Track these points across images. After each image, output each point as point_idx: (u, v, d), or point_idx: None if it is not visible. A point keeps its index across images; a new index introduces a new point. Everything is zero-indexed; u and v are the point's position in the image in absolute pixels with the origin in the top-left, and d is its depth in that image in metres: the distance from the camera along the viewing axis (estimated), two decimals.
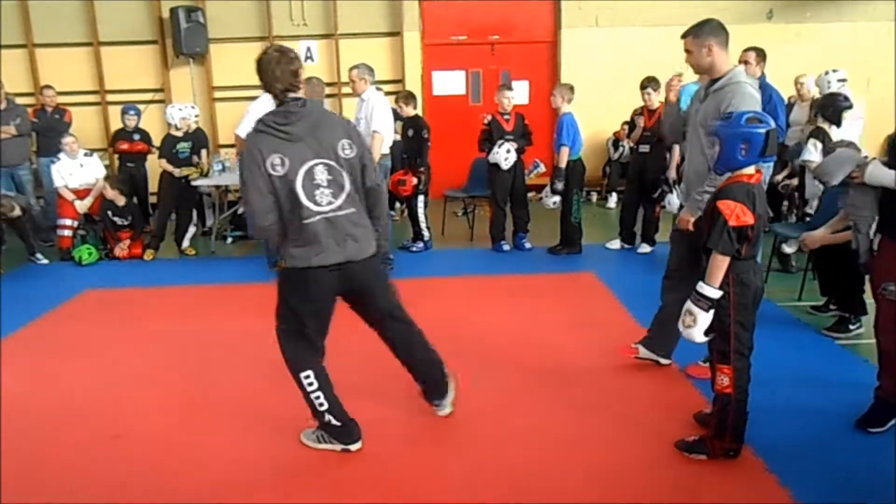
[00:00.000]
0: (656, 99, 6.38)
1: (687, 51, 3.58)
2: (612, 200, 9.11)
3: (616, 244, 6.83)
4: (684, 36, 3.55)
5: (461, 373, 4.03)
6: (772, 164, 5.56)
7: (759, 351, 3.04)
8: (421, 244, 6.95)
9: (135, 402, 3.84)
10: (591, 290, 5.63)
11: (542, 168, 7.03)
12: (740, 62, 5.40)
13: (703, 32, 3.49)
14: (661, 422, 3.39)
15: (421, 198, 6.86)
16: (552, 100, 6.51)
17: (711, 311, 2.86)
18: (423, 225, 6.94)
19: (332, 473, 3.08)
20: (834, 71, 6.39)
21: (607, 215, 8.69)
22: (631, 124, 7.09)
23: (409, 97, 6.93)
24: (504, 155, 6.54)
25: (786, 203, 7.28)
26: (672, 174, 6.40)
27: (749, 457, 3.05)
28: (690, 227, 3.45)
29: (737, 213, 2.78)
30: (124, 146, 7.83)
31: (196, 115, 7.56)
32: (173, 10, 8.65)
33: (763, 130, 2.78)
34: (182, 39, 8.68)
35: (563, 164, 6.40)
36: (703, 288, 2.86)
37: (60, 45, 9.12)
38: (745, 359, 2.95)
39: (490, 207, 6.99)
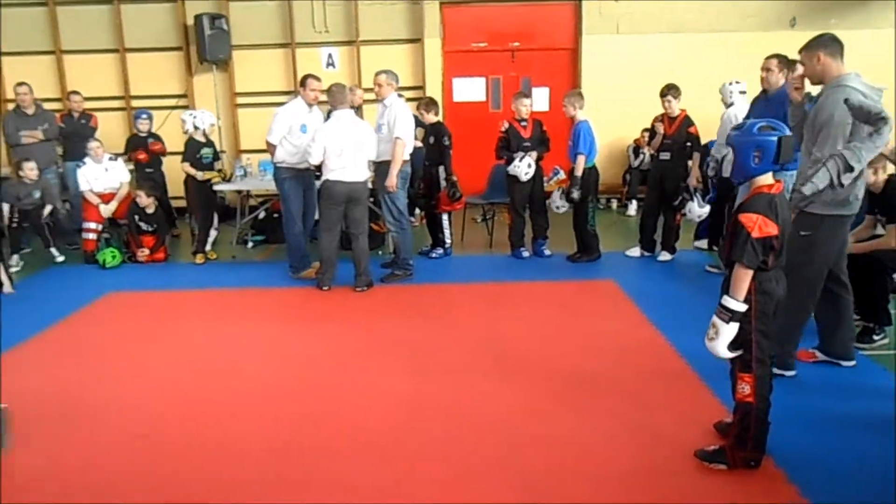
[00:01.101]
0: (676, 106, 6.36)
1: (801, 63, 3.88)
2: (632, 208, 9.08)
3: (636, 252, 6.81)
4: (800, 51, 3.84)
5: (481, 377, 4.05)
6: (795, 173, 5.52)
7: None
8: (440, 251, 6.97)
9: (160, 402, 3.89)
10: (611, 297, 5.61)
11: (562, 175, 7.02)
12: (763, 70, 5.37)
13: (813, 46, 3.74)
14: (679, 430, 3.37)
15: None
16: (564, 109, 6.51)
17: (734, 325, 2.84)
18: (446, 232, 6.94)
19: (353, 471, 3.10)
20: (737, 82, 6.31)
21: (627, 223, 8.66)
22: (651, 131, 7.06)
23: (430, 104, 6.96)
24: (525, 169, 6.54)
25: None
26: (692, 182, 6.37)
27: (769, 466, 3.03)
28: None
29: (759, 225, 2.78)
30: (142, 156, 7.90)
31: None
32: (197, 18, 8.78)
33: (775, 138, 2.80)
34: (206, 46, 8.80)
35: (579, 173, 6.40)
36: (727, 301, 2.85)
37: (87, 51, 9.28)
38: (766, 367, 2.94)
39: (509, 214, 6.99)
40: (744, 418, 2.96)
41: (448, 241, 6.99)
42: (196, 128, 7.06)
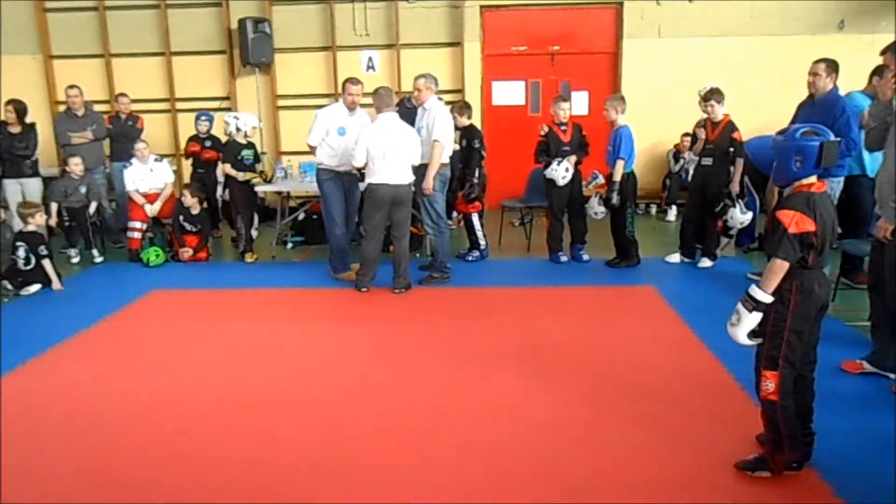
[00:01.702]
0: (720, 111, 6.26)
1: (885, 66, 4.00)
2: (672, 213, 8.96)
3: (676, 258, 6.72)
4: (883, 53, 3.93)
5: (520, 381, 4.04)
6: (841, 180, 5.41)
7: (827, 370, 2.94)
8: (477, 253, 6.97)
9: (199, 399, 3.96)
10: (651, 304, 5.55)
11: (601, 179, 6.97)
12: (810, 74, 5.27)
13: None
14: (720, 439, 3.32)
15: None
16: (606, 113, 6.46)
17: (756, 314, 2.84)
18: (478, 234, 6.96)
19: (392, 471, 3.11)
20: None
21: (667, 228, 8.55)
22: (693, 136, 6.97)
23: (464, 107, 6.97)
24: (562, 173, 6.51)
25: None
26: (735, 188, 6.27)
27: (814, 480, 2.97)
28: (888, 237, 3.56)
29: (796, 221, 2.79)
30: (196, 147, 8.10)
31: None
32: (241, 22, 8.92)
33: (816, 143, 2.82)
34: (249, 49, 8.94)
35: (618, 178, 6.34)
36: (754, 290, 2.85)
37: (135, 54, 9.50)
38: (793, 369, 2.90)
39: (547, 218, 6.96)
40: (771, 418, 2.93)
41: (482, 243, 6.97)
42: (238, 129, 7.18)
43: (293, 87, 9.52)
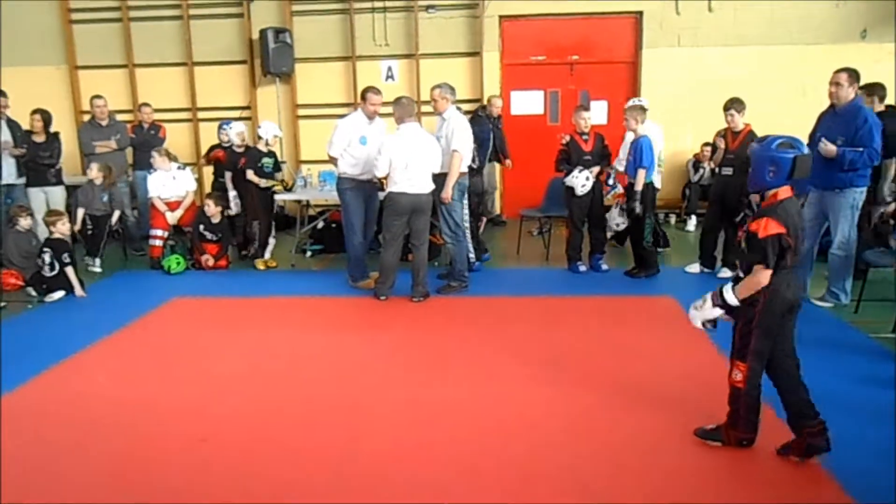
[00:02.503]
0: (740, 121, 6.22)
1: None
2: (692, 223, 8.91)
3: (695, 268, 6.67)
4: None
5: (538, 389, 4.03)
6: (864, 190, 5.36)
7: (849, 384, 2.93)
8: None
9: (221, 406, 3.98)
10: (670, 314, 5.51)
11: (620, 189, 6.95)
12: (831, 84, 5.23)
13: None
14: (742, 452, 3.29)
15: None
16: (626, 123, 6.45)
17: (718, 310, 3.15)
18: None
19: (411, 478, 3.12)
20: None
21: (686, 238, 8.50)
22: (713, 146, 6.93)
23: None
24: (582, 181, 6.50)
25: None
26: (755, 197, 6.21)
27: (835, 490, 2.95)
28: None
29: (763, 226, 2.98)
30: (220, 153, 8.17)
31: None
32: (262, 32, 9.02)
33: (791, 156, 2.98)
34: (270, 59, 9.03)
35: (639, 187, 6.32)
36: (727, 289, 3.12)
37: (158, 65, 9.64)
38: (761, 362, 3.15)
39: (567, 227, 6.95)
40: (735, 401, 3.23)
41: (471, 253, 6.72)
42: (259, 137, 7.27)
43: (313, 97, 9.61)
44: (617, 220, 6.58)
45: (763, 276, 3.00)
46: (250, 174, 7.14)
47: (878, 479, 3.04)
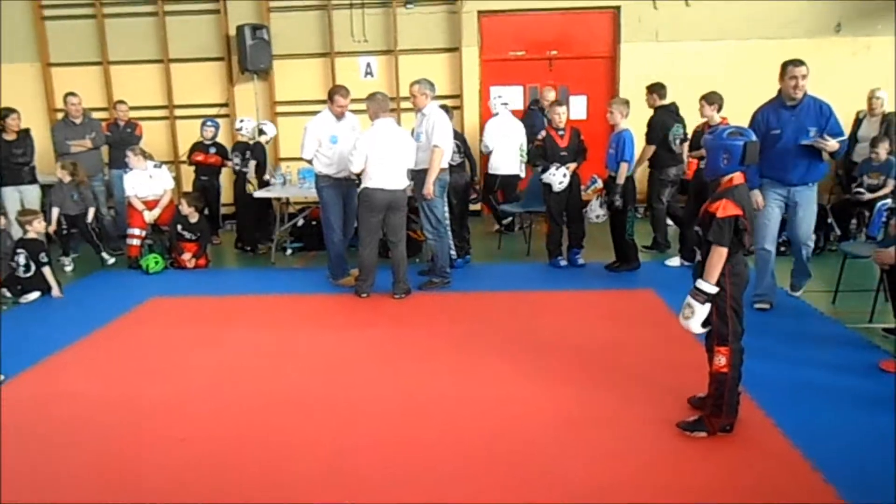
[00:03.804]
0: (716, 114, 6.27)
1: None
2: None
3: (675, 261, 6.72)
4: None
5: (522, 385, 4.04)
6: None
7: (829, 374, 2.97)
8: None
9: (201, 405, 3.95)
10: (650, 307, 5.55)
11: (600, 184, 6.98)
12: (795, 77, 4.91)
13: None
14: (727, 441, 3.32)
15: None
16: (609, 116, 6.46)
17: (707, 305, 3.25)
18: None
19: (393, 478, 3.10)
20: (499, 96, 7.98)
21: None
22: (691, 140, 6.98)
23: None
24: (559, 178, 6.52)
25: (854, 221, 7.09)
26: None
27: (819, 483, 2.97)
28: None
29: (722, 206, 3.18)
30: (199, 157, 8.13)
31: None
32: (239, 28, 8.93)
33: (741, 143, 3.23)
34: (247, 56, 8.94)
35: (622, 181, 6.35)
36: (701, 284, 3.25)
37: (133, 62, 9.51)
38: (738, 341, 3.33)
39: (546, 223, 6.96)
40: (719, 387, 3.33)
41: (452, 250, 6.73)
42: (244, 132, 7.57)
43: (291, 94, 9.54)
44: (597, 213, 6.60)
45: (720, 256, 3.19)
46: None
47: (859, 468, 3.08)
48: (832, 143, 4.89)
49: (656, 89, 7.02)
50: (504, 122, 8.07)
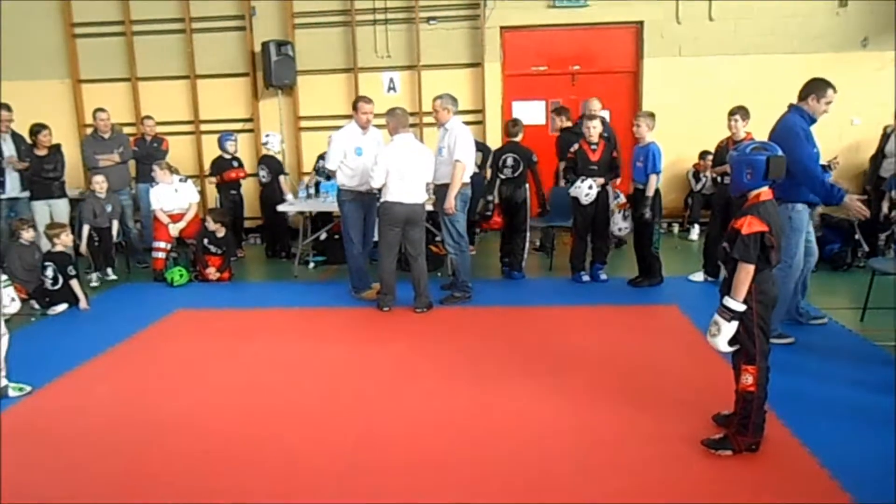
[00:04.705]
0: (742, 128, 6.22)
1: None
2: (695, 232, 8.90)
3: (699, 276, 6.66)
4: None
5: (544, 401, 4.01)
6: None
7: (857, 393, 2.92)
8: None
9: (224, 418, 3.97)
10: (674, 323, 5.50)
11: (622, 199, 6.94)
12: (829, 102, 4.77)
13: None
14: (753, 466, 3.27)
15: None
16: (636, 130, 6.43)
17: (734, 323, 3.21)
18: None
19: (413, 491, 3.09)
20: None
21: (690, 247, 8.49)
22: (715, 155, 6.93)
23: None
24: (585, 191, 6.50)
25: (882, 237, 6.98)
26: None
27: (841, 496, 2.93)
28: None
29: (748, 223, 3.16)
30: (233, 174, 8.25)
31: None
32: (264, 45, 9.06)
33: (764, 157, 3.21)
34: (272, 72, 9.06)
35: (651, 193, 6.31)
36: (728, 301, 3.22)
37: (161, 78, 9.68)
38: (766, 360, 3.28)
39: (572, 237, 6.94)
40: (745, 406, 3.29)
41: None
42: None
43: (315, 109, 9.63)
44: (620, 225, 6.55)
45: (747, 273, 3.16)
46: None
47: (888, 488, 3.01)
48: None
49: (562, 112, 7.72)
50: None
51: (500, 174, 6.98)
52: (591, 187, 6.50)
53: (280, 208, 7.67)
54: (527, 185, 7.01)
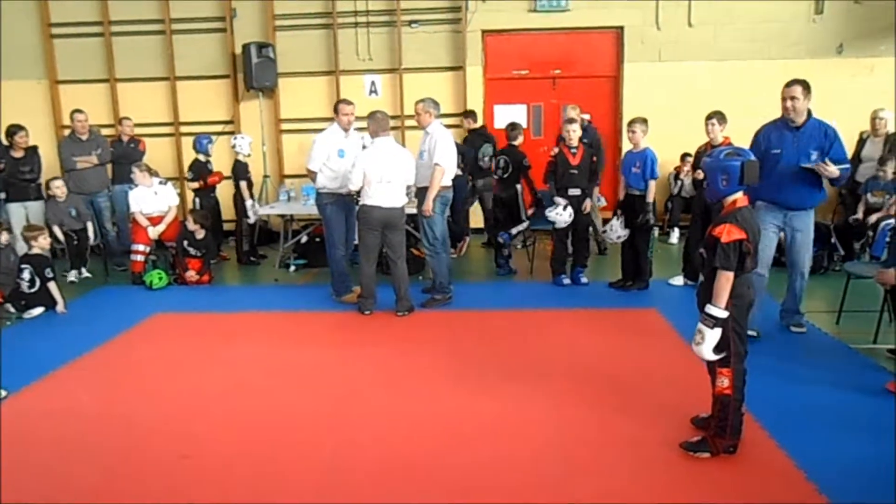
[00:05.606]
0: (720, 133, 6.26)
1: None
2: (675, 235, 8.97)
3: (679, 280, 6.71)
4: None
5: (526, 403, 4.02)
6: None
7: (834, 395, 2.95)
8: None
9: (203, 422, 3.94)
10: (654, 326, 5.54)
11: (604, 202, 6.98)
12: (787, 98, 4.87)
13: None
14: (731, 468, 3.30)
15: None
16: (631, 136, 6.43)
17: (717, 330, 3.20)
18: None
19: (397, 495, 3.09)
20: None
21: (669, 251, 8.55)
22: (695, 159, 6.98)
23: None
24: (565, 218, 6.55)
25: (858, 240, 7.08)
26: None
27: (818, 498, 2.96)
28: None
29: (727, 231, 3.18)
30: (216, 178, 8.15)
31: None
32: (245, 47, 9.00)
33: (738, 163, 3.23)
34: (253, 74, 9.00)
35: (651, 198, 6.36)
36: (710, 308, 3.22)
37: (140, 79, 9.58)
38: (741, 363, 3.31)
39: (552, 241, 6.96)
40: (723, 409, 3.32)
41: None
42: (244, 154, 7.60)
43: (296, 111, 9.59)
44: (619, 233, 6.55)
45: (727, 280, 3.18)
46: (244, 185, 7.62)
47: (863, 490, 3.06)
48: (832, 169, 4.70)
49: (469, 115, 8.36)
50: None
51: (494, 174, 7.38)
52: (564, 208, 6.52)
53: (261, 211, 7.61)
54: (518, 187, 7.19)
